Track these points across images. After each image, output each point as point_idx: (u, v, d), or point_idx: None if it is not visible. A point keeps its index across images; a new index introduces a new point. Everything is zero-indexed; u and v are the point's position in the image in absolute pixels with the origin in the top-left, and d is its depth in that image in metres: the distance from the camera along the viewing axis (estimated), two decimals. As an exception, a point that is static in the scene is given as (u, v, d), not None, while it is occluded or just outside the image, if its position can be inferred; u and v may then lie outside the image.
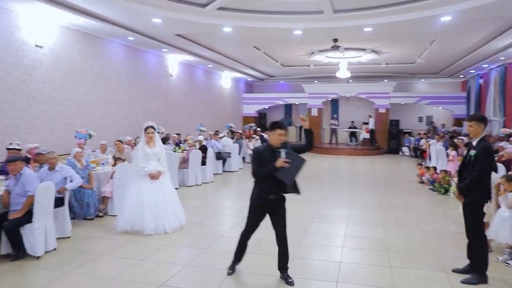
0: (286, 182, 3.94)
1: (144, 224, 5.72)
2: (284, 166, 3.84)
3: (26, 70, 8.39)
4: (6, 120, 7.93)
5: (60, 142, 9.02)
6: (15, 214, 4.80)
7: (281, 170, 3.86)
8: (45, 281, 4.27)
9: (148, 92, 13.04)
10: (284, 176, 3.90)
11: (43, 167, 5.95)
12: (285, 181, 3.93)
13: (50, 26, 8.99)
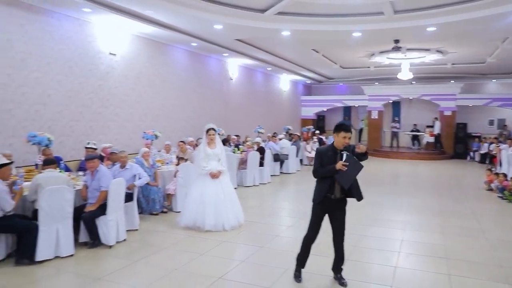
0: (343, 185, 4.00)
1: (205, 221, 6.03)
2: (342, 169, 3.88)
3: (101, 76, 9.17)
4: (83, 122, 8.73)
5: (130, 142, 9.73)
6: (91, 206, 5.33)
7: (340, 173, 3.92)
8: (116, 268, 4.71)
9: (209, 95, 13.59)
10: (342, 179, 3.96)
11: (116, 165, 6.50)
12: (342, 184, 3.99)
13: (123, 35, 9.74)
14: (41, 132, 6.40)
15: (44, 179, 4.95)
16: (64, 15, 8.21)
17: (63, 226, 4.95)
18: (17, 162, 6.75)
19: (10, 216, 4.74)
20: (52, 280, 4.42)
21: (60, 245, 4.92)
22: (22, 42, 7.42)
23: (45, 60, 7.85)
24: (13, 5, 7.25)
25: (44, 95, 7.86)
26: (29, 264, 4.69)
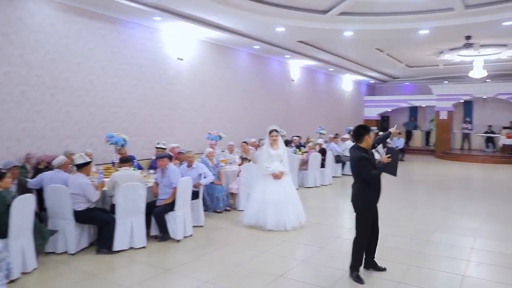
0: (392, 174, 4.28)
1: (267, 220, 6.19)
2: (388, 161, 4.19)
3: (169, 80, 9.74)
4: (154, 123, 9.34)
5: (196, 143, 10.20)
6: (164, 201, 5.71)
7: (386, 166, 4.22)
8: (183, 261, 5.02)
9: (271, 97, 13.80)
10: (389, 170, 4.26)
11: (183, 164, 6.89)
12: (391, 174, 4.28)
13: (189, 40, 10.26)
14: (117, 133, 6.95)
15: (120, 177, 5.41)
16: (138, 24, 8.84)
17: (137, 220, 5.37)
18: (97, 160, 7.43)
19: (92, 209, 5.26)
20: (127, 269, 4.83)
21: (134, 237, 5.35)
22: (102, 51, 8.13)
23: (121, 66, 8.52)
24: (94, 18, 7.97)
25: (119, 98, 8.53)
26: (108, 253, 5.16)
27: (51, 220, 5.23)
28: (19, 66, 6.86)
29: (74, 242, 5.14)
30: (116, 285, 4.29)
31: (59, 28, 7.44)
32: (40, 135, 7.19)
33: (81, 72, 7.79)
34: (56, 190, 5.11)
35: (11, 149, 6.77)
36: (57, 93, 7.43)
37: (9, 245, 4.25)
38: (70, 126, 7.65)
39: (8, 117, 6.74)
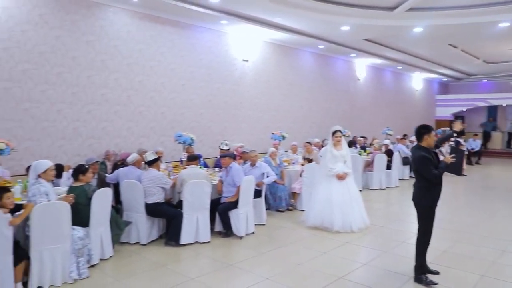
0: (457, 174, 4.47)
1: (333, 221, 6.13)
2: (452, 160, 4.17)
3: (235, 81, 10.03)
4: (219, 123, 9.68)
5: (259, 142, 10.40)
6: (228, 199, 5.92)
7: (450, 165, 4.18)
8: (246, 257, 5.17)
9: (335, 96, 13.61)
10: (453, 170, 4.31)
11: (246, 163, 7.07)
12: (455, 173, 4.42)
13: (254, 42, 10.48)
14: (185, 132, 7.32)
15: (187, 175, 5.69)
16: (206, 28, 9.22)
17: (202, 216, 5.63)
18: (166, 158, 7.88)
19: (162, 203, 5.62)
20: (193, 261, 5.09)
21: (199, 232, 5.61)
22: (173, 55, 8.60)
23: (189, 69, 8.94)
24: (166, 24, 8.46)
25: (188, 99, 8.97)
26: (175, 245, 5.47)
27: (125, 213, 5.67)
28: (100, 70, 7.50)
29: (145, 233, 5.53)
30: (182, 276, 4.54)
31: (135, 35, 8.01)
32: (117, 134, 7.80)
33: (153, 75, 8.32)
34: (130, 185, 5.53)
35: (92, 146, 7.44)
36: (132, 95, 8.01)
37: (90, 233, 4.68)
38: (143, 126, 8.21)
39: (91, 118, 7.41)
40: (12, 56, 6.45)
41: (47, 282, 4.17)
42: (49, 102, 6.90)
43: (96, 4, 7.40)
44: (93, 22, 7.38)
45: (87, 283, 4.34)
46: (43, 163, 4.52)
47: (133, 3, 7.69)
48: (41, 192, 4.33)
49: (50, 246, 4.19)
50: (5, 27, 6.35)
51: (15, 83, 6.51)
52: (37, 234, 4.11)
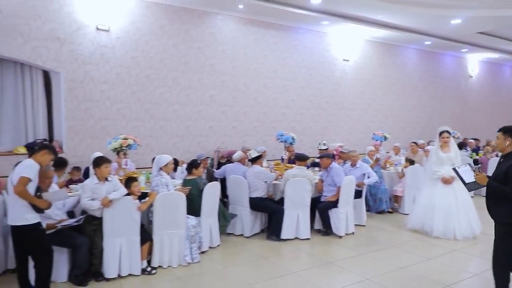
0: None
1: (434, 226, 5.86)
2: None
3: (336, 81, 10.03)
4: (320, 123, 9.78)
5: (359, 142, 10.23)
6: (328, 198, 5.99)
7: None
8: (345, 256, 5.20)
9: (442, 95, 12.72)
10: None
11: (346, 163, 7.05)
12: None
13: (355, 41, 10.34)
14: (286, 132, 7.55)
15: (293, 175, 5.86)
16: (307, 30, 9.39)
17: (303, 213, 5.79)
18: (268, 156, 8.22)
19: (265, 199, 5.92)
20: (293, 256, 5.29)
21: (300, 228, 5.79)
22: (275, 57, 8.95)
23: (291, 70, 9.20)
24: (269, 27, 8.83)
25: (289, 100, 9.23)
26: (276, 240, 5.73)
27: (231, 206, 6.09)
28: (209, 73, 8.14)
29: (249, 226, 5.88)
30: (284, 268, 4.76)
31: (240, 39, 8.51)
32: (223, 132, 8.39)
33: (257, 77, 8.75)
34: (237, 180, 5.93)
35: (201, 144, 8.11)
36: (238, 96, 8.53)
37: (201, 222, 5.15)
38: (247, 125, 8.69)
39: (200, 117, 8.09)
40: (138, 64, 7.36)
41: (166, 262, 4.72)
42: (166, 104, 7.71)
43: (206, 13, 8.04)
44: (203, 30, 8.04)
45: (198, 267, 4.79)
46: (164, 158, 5.11)
47: (239, 9, 8.17)
48: (163, 183, 4.91)
49: (169, 231, 4.72)
50: (133, 38, 7.27)
51: (140, 87, 7.42)
52: (159, 219, 4.67)
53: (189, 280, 4.41)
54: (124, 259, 4.40)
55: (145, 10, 7.37)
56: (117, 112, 7.24)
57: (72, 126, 6.88)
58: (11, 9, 6.24)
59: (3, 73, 6.67)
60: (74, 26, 6.75)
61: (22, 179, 3.51)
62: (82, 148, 6.93)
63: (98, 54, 6.98)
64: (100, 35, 6.98)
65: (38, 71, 6.93)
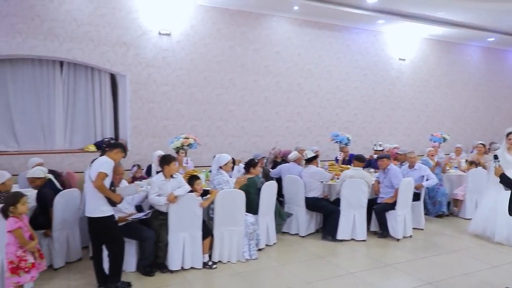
0: None
1: (496, 231, 5.61)
2: None
3: (391, 80, 9.81)
4: (374, 124, 9.62)
5: (416, 143, 9.96)
6: (385, 200, 5.92)
7: None
8: (404, 259, 5.12)
9: (508, 94, 12.01)
10: None
11: (404, 164, 6.90)
12: None
13: (412, 40, 10.06)
14: (341, 132, 7.52)
15: (350, 176, 5.84)
16: (362, 29, 9.27)
17: (359, 214, 5.77)
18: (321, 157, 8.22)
19: (320, 199, 5.95)
20: (349, 257, 5.27)
21: (356, 229, 5.76)
22: (329, 57, 8.93)
23: (345, 70, 9.13)
24: (324, 28, 8.84)
25: (342, 100, 9.17)
26: (332, 240, 5.75)
27: (287, 205, 6.18)
28: (264, 74, 8.29)
29: (304, 226, 5.95)
30: (341, 269, 4.78)
31: (294, 40, 8.58)
32: (277, 132, 8.51)
33: (310, 77, 8.78)
34: (292, 180, 6.01)
35: (256, 144, 8.28)
36: (291, 96, 8.61)
37: (259, 220, 5.29)
38: (301, 125, 8.75)
39: (255, 117, 8.26)
40: (197, 66, 7.65)
41: (225, 258, 4.90)
42: (223, 104, 7.96)
43: (262, 15, 8.19)
44: (259, 32, 8.20)
45: (256, 263, 4.94)
46: (224, 157, 5.30)
47: (294, 11, 8.24)
48: (224, 181, 5.10)
49: (228, 227, 4.90)
50: (192, 42, 7.58)
51: (198, 88, 7.71)
52: (219, 216, 4.86)
53: (248, 276, 4.56)
54: (187, 253, 4.64)
55: (204, 14, 7.65)
56: (177, 112, 7.57)
57: (136, 126, 7.29)
58: (84, 18, 6.74)
59: (76, 76, 7.21)
60: (139, 31, 7.16)
61: (100, 174, 3.83)
62: (145, 146, 7.33)
63: (160, 58, 7.35)
64: (162, 39, 7.35)
65: (106, 74, 7.42)
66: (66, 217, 4.69)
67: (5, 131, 6.78)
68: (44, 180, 4.83)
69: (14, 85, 6.78)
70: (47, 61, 6.93)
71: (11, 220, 3.34)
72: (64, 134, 7.19)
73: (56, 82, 7.05)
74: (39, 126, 7.01)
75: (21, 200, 3.44)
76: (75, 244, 4.89)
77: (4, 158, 6.43)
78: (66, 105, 7.17)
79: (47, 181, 4.87)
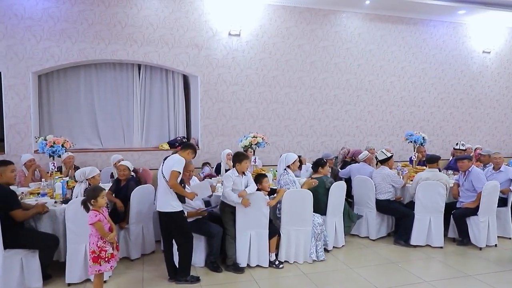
0: None
1: None
2: None
3: (473, 76, 9.06)
4: (452, 123, 8.96)
5: (501, 144, 9.10)
6: (466, 204, 5.47)
7: None
8: (487, 270, 4.68)
9: None
10: None
11: (488, 166, 6.33)
12: None
13: (498, 30, 9.18)
14: (416, 131, 7.10)
15: (425, 178, 5.49)
16: (439, 21, 8.67)
17: (435, 218, 5.38)
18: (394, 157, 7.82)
19: (393, 201, 5.67)
20: (424, 264, 4.95)
21: (431, 235, 5.39)
22: (403, 53, 8.48)
23: (420, 66, 8.62)
24: (397, 22, 8.41)
25: (418, 98, 8.67)
26: (404, 245, 5.45)
27: (356, 207, 5.97)
28: (333, 72, 8.11)
29: (375, 229, 5.70)
30: (415, 276, 4.50)
31: (365, 36, 8.26)
32: (347, 132, 8.27)
33: (383, 74, 8.40)
34: (362, 181, 5.79)
35: (325, 143, 8.12)
36: (362, 94, 8.31)
37: (326, 221, 5.17)
38: (372, 124, 8.41)
39: (324, 116, 8.10)
40: (265, 65, 7.70)
41: (292, 258, 4.86)
42: (291, 103, 7.91)
43: (332, 11, 8.01)
44: (329, 29, 8.02)
45: (323, 265, 4.83)
46: (291, 156, 5.24)
47: (364, 6, 7.95)
48: (290, 181, 5.06)
49: (295, 227, 4.84)
50: (261, 41, 7.64)
51: (267, 87, 7.75)
52: (286, 215, 4.82)
53: (315, 277, 4.47)
54: (254, 251, 4.66)
55: (272, 13, 7.67)
56: (246, 111, 7.68)
57: (207, 125, 7.52)
58: (160, 22, 7.10)
59: (152, 78, 7.63)
60: (210, 33, 7.37)
61: (174, 173, 4.00)
62: (215, 145, 7.54)
63: (230, 58, 7.50)
64: (232, 40, 7.49)
65: (180, 76, 7.75)
66: (141, 211, 4.96)
67: (90, 130, 7.38)
68: (130, 173, 5.19)
69: (98, 88, 7.35)
70: (126, 65, 7.41)
71: (91, 213, 3.59)
72: (141, 133, 7.64)
73: (134, 84, 7.52)
74: (119, 125, 7.53)
75: (101, 194, 3.67)
76: (149, 237, 5.15)
77: (89, 155, 6.99)
78: (143, 106, 7.63)
79: (131, 175, 5.24)
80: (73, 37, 6.71)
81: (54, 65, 6.71)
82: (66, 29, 6.68)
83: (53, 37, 6.64)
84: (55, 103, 7.20)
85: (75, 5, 6.69)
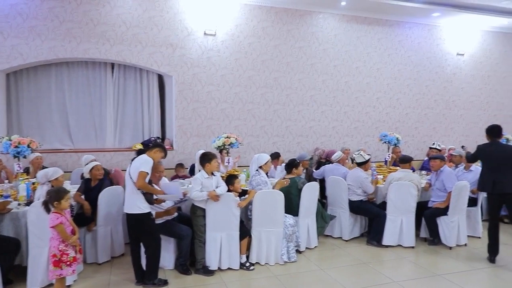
0: None
1: None
2: None
3: (447, 78, 9.20)
4: (427, 124, 9.08)
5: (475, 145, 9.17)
6: (437, 204, 5.50)
7: None
8: (456, 269, 4.74)
9: None
10: None
11: (459, 167, 6.42)
12: None
13: (471, 33, 9.35)
14: (390, 132, 7.16)
15: (397, 178, 5.51)
16: (414, 23, 8.78)
17: (406, 219, 5.42)
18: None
19: (365, 202, 5.69)
20: (396, 264, 4.97)
21: (403, 235, 5.43)
22: (379, 54, 8.55)
23: (396, 67, 8.70)
24: (373, 24, 8.48)
25: (393, 99, 8.74)
26: (377, 245, 5.47)
27: (330, 207, 5.96)
28: (309, 73, 8.11)
29: (348, 229, 5.71)
30: (385, 277, 4.51)
31: (342, 38, 8.30)
32: (323, 132, 8.28)
33: (359, 75, 8.45)
34: (336, 181, 5.79)
35: (301, 144, 8.11)
36: (338, 95, 8.34)
37: (299, 222, 5.14)
38: (348, 125, 8.45)
39: (300, 117, 8.10)
40: (241, 65, 7.64)
41: (263, 259, 4.81)
42: (267, 104, 7.88)
43: (308, 12, 8.01)
44: (305, 30, 8.02)
45: (295, 266, 4.80)
46: (263, 156, 5.22)
47: (341, 7, 7.97)
48: (262, 182, 5.02)
49: (267, 228, 4.81)
50: (237, 41, 7.58)
51: (242, 88, 7.70)
52: (257, 217, 4.78)
53: (286, 279, 4.44)
54: (224, 253, 4.60)
55: (249, 13, 7.62)
56: (221, 112, 7.61)
57: (181, 125, 7.42)
58: (133, 21, 6.97)
59: (125, 77, 7.49)
60: (185, 32, 7.28)
61: (142, 173, 3.91)
62: (189, 145, 7.44)
63: (205, 58, 7.42)
64: (207, 40, 7.42)
65: (154, 75, 7.63)
66: (110, 213, 4.84)
67: (61, 130, 7.19)
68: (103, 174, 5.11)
69: (70, 87, 7.17)
70: (99, 63, 7.25)
71: (52, 216, 3.47)
72: (114, 133, 7.49)
73: (107, 83, 7.37)
74: (92, 125, 7.36)
75: (65, 197, 3.56)
76: (118, 239, 5.03)
77: (59, 156, 6.81)
78: (116, 105, 7.47)
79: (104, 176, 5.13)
80: (42, 34, 6.53)
81: (22, 63, 6.51)
82: (35, 26, 6.49)
83: (21, 35, 6.44)
84: (25, 103, 6.99)
85: (45, 2, 6.51)
